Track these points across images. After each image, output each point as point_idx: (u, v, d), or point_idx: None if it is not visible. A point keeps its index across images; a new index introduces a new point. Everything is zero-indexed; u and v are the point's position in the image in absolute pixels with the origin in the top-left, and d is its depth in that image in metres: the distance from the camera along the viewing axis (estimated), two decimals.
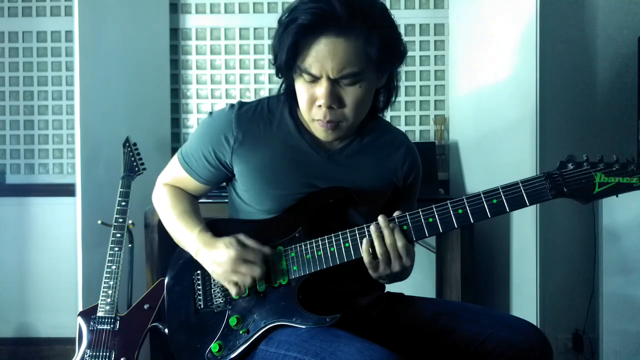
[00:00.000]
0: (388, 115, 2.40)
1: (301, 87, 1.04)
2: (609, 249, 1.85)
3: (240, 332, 1.06)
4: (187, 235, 1.14)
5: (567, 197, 0.93)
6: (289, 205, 1.12)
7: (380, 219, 1.00)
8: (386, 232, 0.99)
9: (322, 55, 0.97)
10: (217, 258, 1.06)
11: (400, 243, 0.99)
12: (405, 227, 1.00)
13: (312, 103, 1.04)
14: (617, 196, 0.92)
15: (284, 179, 1.12)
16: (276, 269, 1.07)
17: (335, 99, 1.01)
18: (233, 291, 1.06)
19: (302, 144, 1.13)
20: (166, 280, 1.20)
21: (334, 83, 1.00)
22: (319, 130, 1.08)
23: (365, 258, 1.00)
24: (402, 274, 1.04)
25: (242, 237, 1.07)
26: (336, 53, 0.97)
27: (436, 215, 0.98)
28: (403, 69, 1.10)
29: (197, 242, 1.11)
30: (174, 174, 1.22)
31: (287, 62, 1.00)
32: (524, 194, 0.93)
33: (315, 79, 1.00)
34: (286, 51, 0.98)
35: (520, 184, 0.94)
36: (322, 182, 1.13)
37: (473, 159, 2.22)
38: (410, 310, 1.17)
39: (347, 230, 1.03)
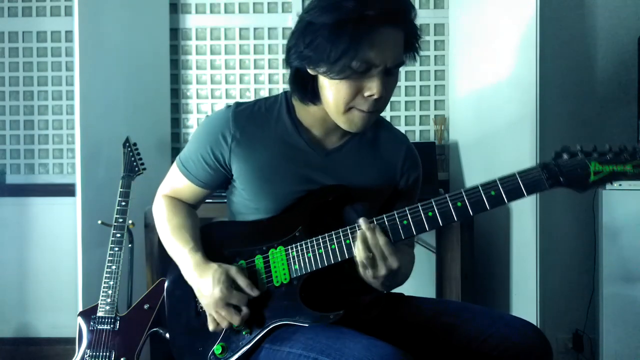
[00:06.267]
0: (388, 115, 2.40)
1: (346, 80, 1.00)
2: (609, 249, 1.85)
3: (244, 332, 1.06)
4: (179, 251, 1.13)
5: (564, 186, 0.93)
6: (287, 203, 1.12)
7: (361, 221, 1.00)
8: (368, 234, 0.98)
9: (385, 46, 0.97)
10: (203, 289, 1.06)
11: (381, 241, 0.98)
12: (405, 222, 0.99)
13: (356, 94, 1.01)
14: (611, 183, 0.93)
15: (281, 177, 1.11)
16: (278, 268, 1.07)
17: (384, 90, 1.01)
18: (210, 326, 1.07)
19: (299, 142, 1.13)
20: (166, 285, 1.19)
21: (386, 73, 1.00)
22: (357, 118, 1.04)
23: (359, 256, 0.99)
24: (394, 278, 1.03)
25: (233, 272, 1.05)
26: (396, 43, 0.99)
27: (435, 209, 0.98)
28: (403, 68, 1.11)
29: (187, 261, 1.10)
30: (173, 183, 1.21)
31: (359, 58, 0.96)
32: (521, 185, 0.94)
33: (367, 70, 0.99)
34: (363, 48, 0.95)
35: (517, 175, 0.95)
36: (319, 180, 1.12)
37: (473, 159, 2.22)
38: (411, 310, 1.17)
39: (348, 228, 1.03)
